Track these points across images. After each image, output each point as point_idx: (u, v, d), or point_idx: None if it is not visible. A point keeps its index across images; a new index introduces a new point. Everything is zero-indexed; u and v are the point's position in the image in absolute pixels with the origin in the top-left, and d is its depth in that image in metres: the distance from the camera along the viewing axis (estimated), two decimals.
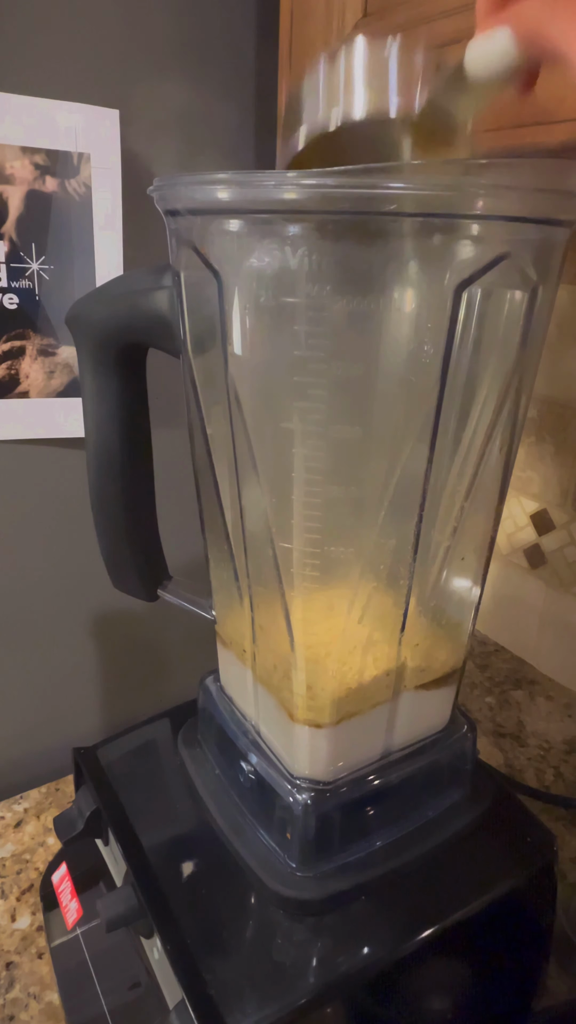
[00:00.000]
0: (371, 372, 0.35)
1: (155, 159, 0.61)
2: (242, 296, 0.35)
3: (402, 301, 0.33)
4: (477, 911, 0.42)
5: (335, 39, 0.44)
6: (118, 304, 0.42)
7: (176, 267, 0.39)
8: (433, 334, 0.34)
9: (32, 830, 0.68)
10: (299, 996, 0.38)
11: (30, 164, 0.54)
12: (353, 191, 0.30)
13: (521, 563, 0.81)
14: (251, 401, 0.37)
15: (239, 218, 0.34)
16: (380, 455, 0.36)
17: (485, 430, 0.38)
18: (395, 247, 0.32)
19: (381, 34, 0.31)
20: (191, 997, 0.37)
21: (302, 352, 0.34)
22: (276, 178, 0.31)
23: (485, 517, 0.42)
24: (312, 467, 0.36)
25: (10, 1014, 0.51)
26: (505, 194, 0.31)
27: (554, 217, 0.33)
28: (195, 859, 0.46)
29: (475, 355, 0.35)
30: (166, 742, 0.56)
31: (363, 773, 0.44)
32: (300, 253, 0.32)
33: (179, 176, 0.35)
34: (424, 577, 0.41)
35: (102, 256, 0.60)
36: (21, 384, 0.61)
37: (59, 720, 0.77)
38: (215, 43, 0.61)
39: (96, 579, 0.63)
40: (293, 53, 0.48)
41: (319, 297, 0.33)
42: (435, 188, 0.30)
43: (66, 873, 0.54)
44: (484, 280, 0.33)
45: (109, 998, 0.46)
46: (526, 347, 0.37)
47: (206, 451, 0.43)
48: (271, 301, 0.34)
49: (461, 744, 0.48)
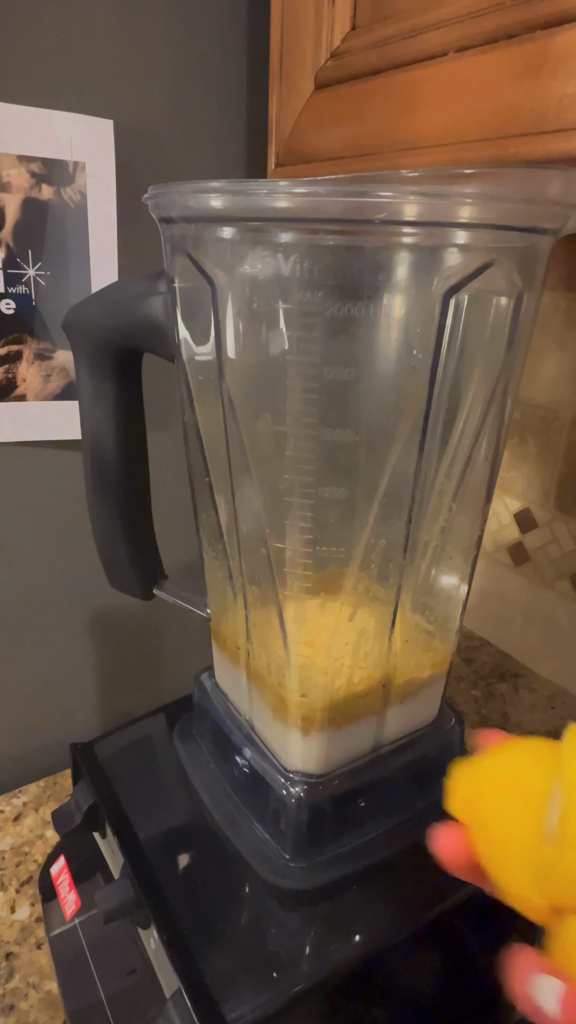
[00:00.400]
0: (361, 376, 0.35)
1: (149, 168, 0.62)
2: (235, 302, 0.36)
3: (391, 307, 0.34)
4: (466, 899, 0.43)
5: (324, 53, 0.45)
6: (114, 310, 0.43)
7: (170, 273, 0.39)
8: (422, 339, 0.34)
9: (31, 823, 0.68)
10: (293, 984, 0.38)
11: (26, 172, 0.55)
12: (343, 200, 0.31)
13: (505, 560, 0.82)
14: (244, 404, 0.37)
15: (232, 226, 0.34)
16: (371, 457, 0.37)
17: (472, 432, 0.39)
18: (385, 254, 0.33)
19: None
20: (187, 986, 0.38)
21: (294, 357, 0.35)
22: (268, 187, 0.31)
23: (472, 517, 0.43)
24: (304, 469, 0.37)
25: (10, 1003, 0.52)
26: (491, 203, 0.31)
27: (538, 225, 0.34)
28: (191, 851, 0.46)
29: (462, 359, 0.36)
30: (162, 737, 0.57)
31: (355, 766, 0.45)
32: (292, 260, 0.33)
33: (173, 185, 0.35)
34: (413, 575, 0.41)
35: (97, 263, 0.60)
36: (18, 387, 0.61)
37: (57, 716, 0.78)
38: (207, 54, 0.62)
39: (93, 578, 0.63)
40: (284, 66, 0.49)
41: (311, 303, 0.33)
42: (423, 197, 0.31)
43: (64, 865, 0.55)
44: (471, 286, 0.33)
45: (107, 987, 0.47)
46: (512, 351, 0.37)
47: (200, 453, 0.43)
48: (264, 307, 0.35)
49: (450, 736, 0.49)
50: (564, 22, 0.32)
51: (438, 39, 0.38)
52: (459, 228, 0.32)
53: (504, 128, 0.36)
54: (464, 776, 0.30)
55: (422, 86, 0.39)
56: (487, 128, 0.37)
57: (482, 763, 0.30)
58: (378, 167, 0.43)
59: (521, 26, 0.34)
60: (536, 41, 0.33)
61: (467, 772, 0.30)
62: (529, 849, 0.26)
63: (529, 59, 0.34)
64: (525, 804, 0.27)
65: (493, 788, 0.28)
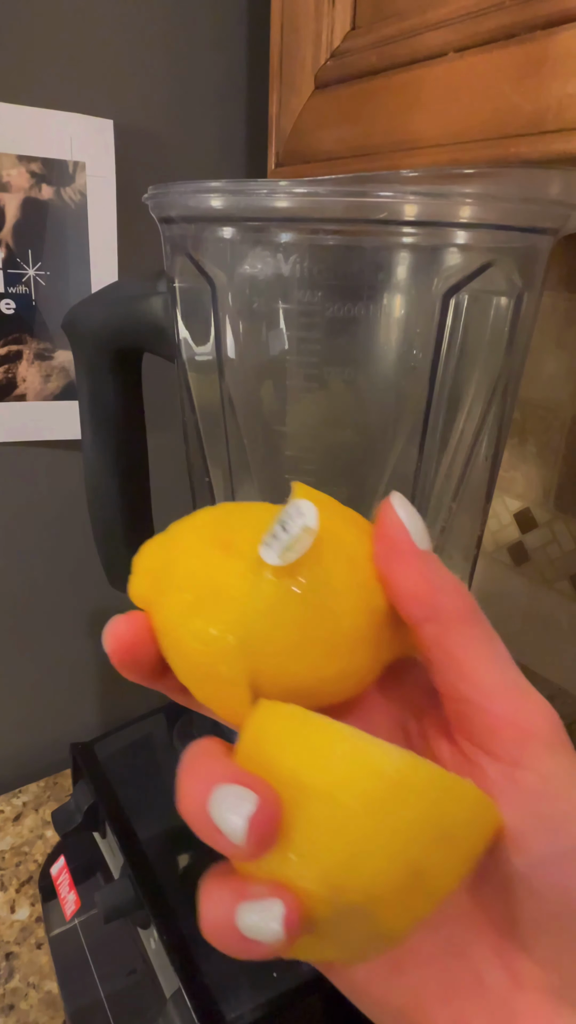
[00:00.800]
0: (361, 376, 0.35)
1: (149, 168, 0.62)
2: (235, 302, 0.36)
3: (391, 307, 0.34)
4: None
5: (324, 53, 0.45)
6: (113, 310, 0.43)
7: (170, 273, 0.39)
8: (422, 339, 0.34)
9: (31, 823, 0.69)
10: (293, 983, 0.38)
11: (26, 172, 0.55)
12: (343, 200, 0.31)
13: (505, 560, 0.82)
14: (244, 404, 0.37)
15: (232, 225, 0.34)
16: (371, 457, 0.37)
17: (472, 432, 0.39)
18: (385, 254, 0.33)
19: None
20: (188, 986, 0.38)
21: (294, 357, 0.35)
22: (268, 186, 0.32)
23: (472, 516, 0.43)
24: (304, 468, 0.37)
25: (10, 1003, 0.52)
26: (491, 203, 0.31)
27: (538, 225, 0.34)
28: (190, 851, 0.46)
29: (462, 359, 0.36)
30: (162, 737, 0.57)
31: None
32: (292, 260, 0.33)
33: (173, 185, 0.35)
34: None
35: (97, 262, 0.60)
36: (18, 387, 0.61)
37: (57, 716, 0.78)
38: (207, 54, 0.62)
39: (93, 578, 0.63)
40: (284, 66, 0.49)
41: (311, 303, 0.33)
42: (423, 197, 0.31)
43: (64, 865, 0.55)
44: (471, 286, 0.33)
45: (107, 987, 0.47)
46: (512, 351, 0.37)
47: (200, 453, 0.43)
48: (264, 307, 0.35)
49: None
50: (564, 22, 0.32)
51: (438, 39, 0.38)
52: (459, 228, 0.32)
53: (504, 128, 0.36)
54: (156, 545, 0.25)
55: (422, 86, 0.39)
56: (487, 128, 0.37)
57: (182, 524, 0.25)
58: (378, 167, 0.43)
59: (521, 26, 0.34)
60: (536, 41, 0.33)
61: (161, 540, 0.25)
62: (235, 602, 0.21)
63: (529, 59, 0.33)
64: (234, 554, 0.22)
65: (193, 545, 0.23)
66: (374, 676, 0.23)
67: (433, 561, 0.22)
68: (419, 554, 0.22)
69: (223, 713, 0.22)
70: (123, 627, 0.23)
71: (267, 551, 0.20)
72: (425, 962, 0.21)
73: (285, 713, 0.20)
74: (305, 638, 0.21)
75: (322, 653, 0.21)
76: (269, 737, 0.20)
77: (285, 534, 0.21)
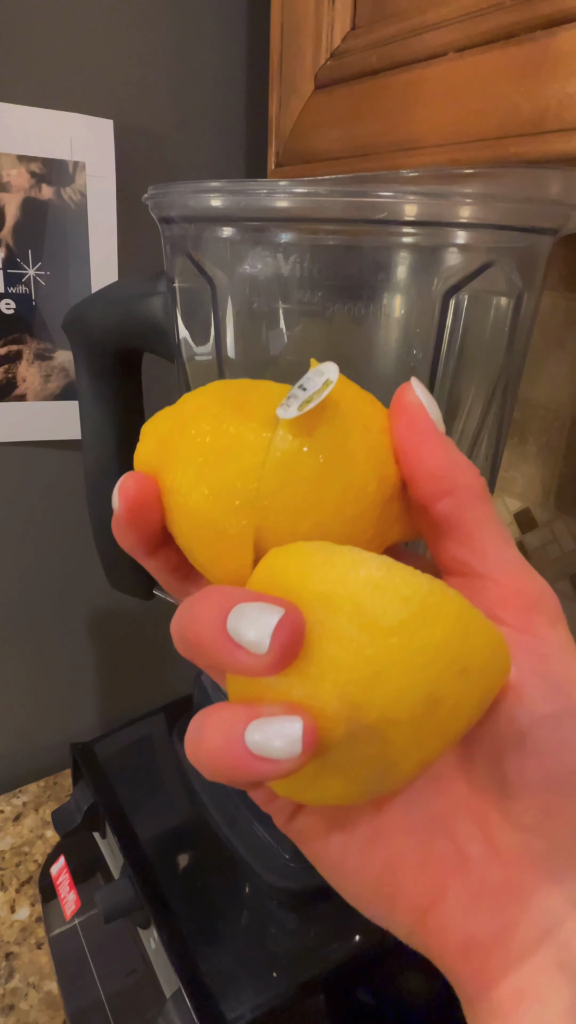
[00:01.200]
0: (361, 376, 0.35)
1: (149, 168, 0.62)
2: (235, 302, 0.36)
3: (391, 307, 0.34)
4: None
5: (324, 53, 0.45)
6: (113, 310, 0.43)
7: (170, 273, 0.39)
8: (422, 339, 0.34)
9: (31, 823, 0.69)
10: (293, 984, 0.38)
11: (26, 172, 0.55)
12: (343, 199, 0.31)
13: None
14: None
15: (232, 225, 0.34)
16: None
17: (472, 432, 0.39)
18: (385, 254, 0.33)
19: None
20: (188, 986, 0.38)
21: (294, 357, 0.35)
22: (268, 186, 0.32)
23: None
24: None
25: (10, 1003, 0.52)
26: (491, 203, 0.31)
27: (538, 225, 0.34)
28: (190, 851, 0.46)
29: (462, 359, 0.36)
30: (162, 737, 0.57)
31: None
32: (292, 260, 0.33)
33: (173, 184, 0.35)
34: None
35: (97, 263, 0.60)
36: (18, 387, 0.61)
37: (57, 716, 0.78)
38: (207, 54, 0.62)
39: (93, 578, 0.64)
40: (284, 66, 0.49)
41: (311, 303, 0.33)
42: (423, 197, 0.31)
43: (64, 865, 0.55)
44: (471, 286, 0.33)
45: (107, 987, 0.47)
46: (511, 351, 0.37)
47: None
48: (264, 307, 0.35)
49: None
50: (564, 22, 0.32)
51: (438, 39, 0.38)
52: (459, 228, 0.32)
53: (504, 128, 0.36)
54: (165, 413, 0.25)
55: (422, 86, 0.39)
56: (487, 128, 0.37)
57: (194, 392, 0.24)
58: (378, 167, 0.43)
59: (521, 26, 0.34)
60: (536, 41, 0.33)
61: (170, 409, 0.25)
62: (248, 456, 0.21)
63: (529, 59, 0.34)
64: (248, 414, 0.22)
65: (206, 406, 0.23)
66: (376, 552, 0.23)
67: (450, 441, 0.23)
68: (438, 433, 0.23)
69: (222, 573, 0.22)
70: (132, 484, 0.23)
71: (285, 409, 0.21)
72: (404, 834, 0.22)
73: (309, 547, 0.20)
74: (316, 496, 0.21)
75: (331, 513, 0.21)
76: (290, 568, 0.19)
77: (304, 392, 0.21)
